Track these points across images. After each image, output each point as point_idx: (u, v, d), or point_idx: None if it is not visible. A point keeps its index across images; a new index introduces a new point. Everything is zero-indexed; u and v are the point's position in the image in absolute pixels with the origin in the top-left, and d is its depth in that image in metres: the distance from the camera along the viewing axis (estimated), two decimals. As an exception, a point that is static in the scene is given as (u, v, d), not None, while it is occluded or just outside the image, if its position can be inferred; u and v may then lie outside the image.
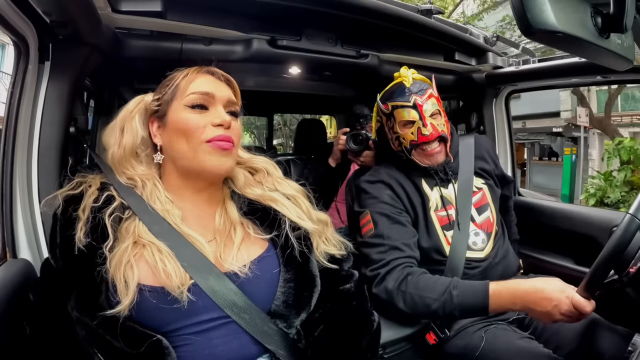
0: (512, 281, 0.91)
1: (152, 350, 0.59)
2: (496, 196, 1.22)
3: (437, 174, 1.16)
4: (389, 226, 1.08)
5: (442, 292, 0.93)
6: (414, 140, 1.12)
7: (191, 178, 0.71)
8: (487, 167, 1.24)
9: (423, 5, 1.29)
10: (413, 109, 1.11)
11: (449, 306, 0.92)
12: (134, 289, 0.59)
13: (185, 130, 0.68)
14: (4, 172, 0.83)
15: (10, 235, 0.84)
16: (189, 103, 0.69)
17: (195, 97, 0.69)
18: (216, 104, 0.70)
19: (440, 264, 1.11)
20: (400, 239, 1.06)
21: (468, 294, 0.91)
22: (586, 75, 1.35)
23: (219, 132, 0.68)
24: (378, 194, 1.13)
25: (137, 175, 0.71)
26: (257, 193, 0.76)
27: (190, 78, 0.71)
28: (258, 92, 2.09)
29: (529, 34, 0.40)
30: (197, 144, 0.67)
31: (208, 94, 0.70)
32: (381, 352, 0.91)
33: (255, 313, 0.66)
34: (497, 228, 1.18)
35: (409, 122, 1.12)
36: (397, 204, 1.13)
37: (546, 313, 0.83)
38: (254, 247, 0.72)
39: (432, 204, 1.15)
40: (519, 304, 0.87)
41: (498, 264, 1.13)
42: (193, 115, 0.68)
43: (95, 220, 0.64)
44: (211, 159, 0.67)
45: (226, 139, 0.68)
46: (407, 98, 1.12)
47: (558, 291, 0.82)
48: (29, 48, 0.84)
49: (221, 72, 0.75)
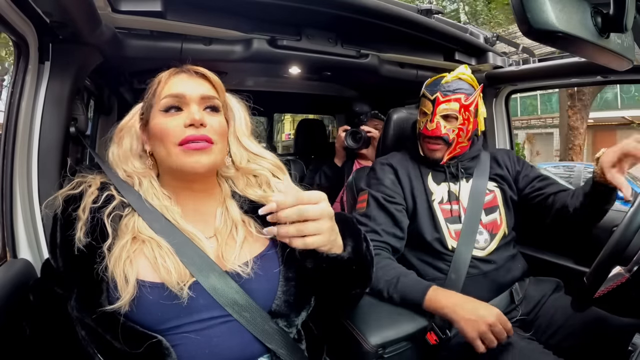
0: (453, 292, 1.00)
1: (152, 350, 0.59)
2: (507, 200, 1.23)
3: (449, 168, 1.21)
4: (378, 210, 1.15)
5: (392, 277, 1.03)
6: (420, 129, 1.21)
7: (179, 178, 0.71)
8: (503, 173, 1.26)
9: (423, 5, 1.29)
10: (431, 102, 1.17)
11: (392, 290, 1.02)
12: (134, 283, 0.59)
13: (160, 136, 0.67)
14: (4, 172, 0.83)
15: (10, 235, 0.84)
16: (162, 108, 0.68)
17: (167, 101, 0.68)
18: (189, 103, 0.68)
19: (445, 260, 1.12)
20: (382, 224, 1.13)
21: (410, 286, 1.01)
22: (586, 75, 1.35)
23: (190, 132, 0.66)
24: (382, 176, 1.21)
25: (135, 172, 0.71)
26: (259, 194, 0.75)
27: (164, 82, 0.70)
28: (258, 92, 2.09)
29: (529, 34, 0.40)
30: (171, 148, 0.66)
31: (178, 95, 0.68)
32: (381, 352, 0.91)
33: (256, 312, 0.66)
34: (505, 231, 1.19)
35: (423, 112, 1.20)
36: (397, 188, 1.19)
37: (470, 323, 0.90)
38: (255, 245, 0.72)
39: (435, 197, 1.19)
40: (448, 309, 0.94)
41: (501, 267, 1.14)
42: (166, 119, 0.67)
43: (95, 220, 0.64)
44: (187, 160, 0.66)
45: (198, 138, 0.66)
46: (433, 91, 1.17)
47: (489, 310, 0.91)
48: (29, 48, 0.84)
49: (195, 67, 0.72)
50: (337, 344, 0.97)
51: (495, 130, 1.70)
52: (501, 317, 0.90)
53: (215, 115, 0.70)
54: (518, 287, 1.16)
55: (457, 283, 1.08)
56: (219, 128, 0.69)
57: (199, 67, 0.72)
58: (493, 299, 1.11)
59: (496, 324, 0.88)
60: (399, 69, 1.50)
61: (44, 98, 0.89)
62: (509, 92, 1.68)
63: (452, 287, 1.08)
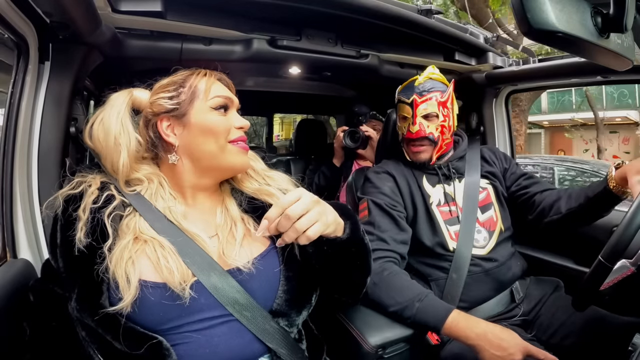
0: (476, 319, 0.92)
1: (152, 351, 0.59)
2: (500, 196, 1.23)
3: (440, 169, 1.20)
4: (382, 217, 1.11)
5: (409, 299, 0.95)
6: (403, 134, 1.20)
7: (209, 176, 0.73)
8: (493, 169, 1.26)
9: (423, 5, 1.29)
10: (409, 106, 1.17)
11: (407, 312, 0.94)
12: (136, 284, 0.59)
13: (213, 131, 0.71)
14: (4, 172, 0.83)
15: (10, 236, 0.84)
16: (214, 105, 0.72)
17: (220, 100, 0.73)
18: (233, 108, 0.75)
19: (444, 259, 1.12)
20: (388, 231, 1.09)
21: (429, 311, 0.93)
22: (586, 75, 1.34)
23: (240, 133, 0.74)
24: (380, 184, 1.18)
25: (143, 175, 0.71)
26: (255, 187, 0.77)
27: (209, 81, 0.74)
28: (258, 92, 2.10)
29: (529, 34, 0.40)
30: (224, 144, 0.71)
31: (228, 98, 0.74)
32: (381, 352, 0.91)
33: (256, 311, 0.66)
34: (502, 227, 1.19)
35: (403, 117, 1.20)
36: (396, 197, 1.16)
37: (495, 356, 0.84)
38: (255, 244, 0.72)
39: (433, 200, 1.18)
40: (472, 341, 0.88)
41: (503, 266, 1.14)
42: (219, 117, 0.72)
43: (95, 220, 0.64)
44: (237, 157, 0.73)
45: (245, 139, 0.75)
46: (409, 95, 1.17)
47: (515, 345, 0.84)
48: (29, 48, 0.84)
49: (227, 79, 0.79)
50: (337, 344, 0.97)
51: (496, 131, 1.70)
52: (528, 351, 0.84)
53: None
54: (519, 286, 1.16)
55: (459, 282, 1.08)
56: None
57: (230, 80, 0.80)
58: (494, 297, 1.11)
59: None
60: (399, 69, 1.50)
61: (44, 98, 0.89)
62: (509, 92, 1.68)
63: (453, 287, 1.08)
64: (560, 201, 1.11)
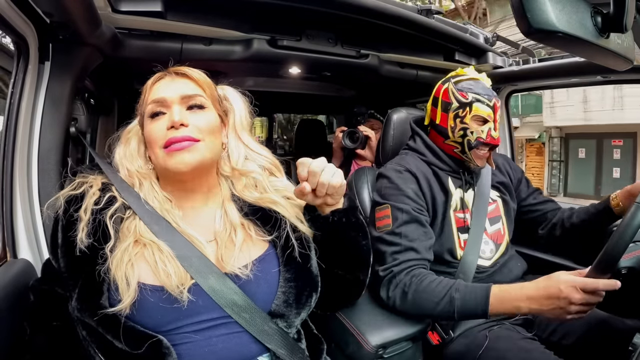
0: (516, 285, 0.88)
1: (152, 350, 0.59)
2: (509, 210, 1.22)
3: (464, 175, 1.15)
4: (408, 224, 1.03)
5: (442, 295, 0.92)
6: (481, 138, 1.08)
7: (170, 180, 0.72)
8: (505, 180, 1.24)
9: (423, 5, 1.29)
10: (491, 109, 1.09)
11: (449, 308, 0.91)
12: (135, 287, 0.60)
13: (149, 141, 0.69)
14: (4, 172, 0.83)
15: (10, 236, 0.84)
16: (148, 114, 0.70)
17: (151, 107, 0.69)
18: (170, 105, 0.69)
19: (451, 266, 1.10)
20: (417, 240, 1.01)
21: (469, 298, 0.90)
22: (586, 75, 1.35)
23: (171, 134, 0.67)
24: (403, 186, 1.07)
25: (137, 172, 0.71)
26: (256, 196, 0.75)
27: (149, 89, 0.72)
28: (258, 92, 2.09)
29: (529, 34, 0.40)
30: (158, 152, 0.68)
31: (159, 100, 0.69)
32: (381, 352, 0.91)
33: (255, 312, 0.66)
34: (507, 241, 1.18)
35: (483, 119, 1.09)
36: (420, 200, 1.08)
37: (557, 310, 0.80)
38: (255, 249, 0.72)
39: (452, 203, 1.13)
40: (525, 308, 0.84)
41: (504, 268, 1.14)
42: (152, 125, 0.69)
43: (96, 221, 0.64)
44: (170, 162, 0.67)
45: (179, 139, 0.66)
46: (489, 97, 1.10)
47: (563, 283, 0.79)
48: (29, 48, 0.84)
49: (177, 68, 0.73)
50: (337, 344, 0.97)
51: (495, 130, 1.70)
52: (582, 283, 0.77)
53: (201, 112, 0.71)
54: None
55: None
56: (204, 125, 0.70)
57: (181, 67, 0.73)
58: None
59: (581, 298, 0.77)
60: (399, 69, 1.50)
61: (44, 98, 0.89)
62: (509, 92, 1.68)
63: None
64: (567, 217, 1.19)
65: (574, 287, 0.78)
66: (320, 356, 0.78)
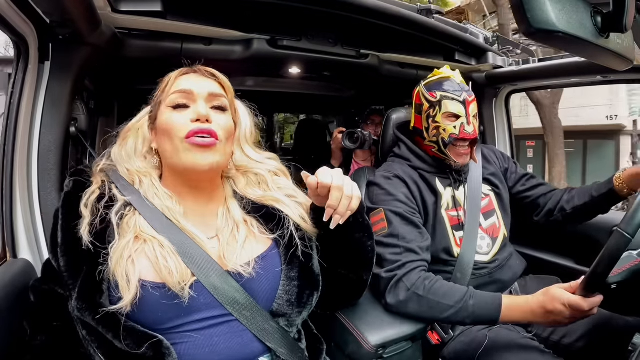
0: (522, 298, 0.92)
1: (153, 350, 0.59)
2: (503, 202, 1.22)
3: (452, 174, 1.16)
4: (404, 226, 1.04)
5: (459, 300, 0.93)
6: (454, 134, 1.10)
7: (182, 177, 0.71)
8: (494, 170, 1.24)
9: (423, 5, 1.29)
10: (462, 104, 1.10)
11: (463, 314, 0.92)
12: (136, 284, 0.59)
13: (167, 130, 0.68)
14: (4, 172, 0.83)
15: (10, 235, 0.84)
16: (171, 103, 0.69)
17: (175, 97, 0.69)
18: (196, 99, 0.69)
19: (448, 264, 1.11)
20: (415, 241, 1.03)
21: (483, 305, 0.92)
22: (586, 75, 1.35)
23: (194, 126, 0.66)
24: (394, 191, 1.09)
25: (135, 170, 0.71)
26: (259, 194, 0.76)
27: (173, 79, 0.72)
28: (258, 92, 2.10)
29: (529, 34, 0.40)
30: (178, 142, 0.66)
31: (186, 91, 0.69)
32: (381, 351, 0.91)
33: (256, 311, 0.66)
34: (504, 234, 1.18)
35: (454, 115, 1.10)
36: (412, 203, 1.09)
37: (554, 323, 0.87)
38: (257, 246, 0.72)
39: (443, 203, 1.14)
40: (529, 319, 0.90)
41: (504, 266, 1.14)
42: (174, 114, 0.68)
43: (97, 220, 0.64)
44: (189, 156, 0.66)
45: (204, 131, 0.66)
46: (458, 93, 1.10)
47: (557, 300, 0.84)
48: (29, 48, 0.84)
49: (205, 67, 0.74)
50: (337, 344, 0.97)
51: (495, 131, 1.70)
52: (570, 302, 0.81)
53: (223, 114, 0.71)
54: (517, 286, 1.16)
55: (463, 282, 1.07)
56: (225, 125, 0.70)
57: (208, 68, 0.74)
58: None
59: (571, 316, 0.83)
60: (399, 69, 1.50)
61: (44, 98, 0.89)
62: (509, 92, 1.68)
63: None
64: (565, 201, 1.16)
65: (564, 305, 0.82)
66: (320, 356, 0.78)
